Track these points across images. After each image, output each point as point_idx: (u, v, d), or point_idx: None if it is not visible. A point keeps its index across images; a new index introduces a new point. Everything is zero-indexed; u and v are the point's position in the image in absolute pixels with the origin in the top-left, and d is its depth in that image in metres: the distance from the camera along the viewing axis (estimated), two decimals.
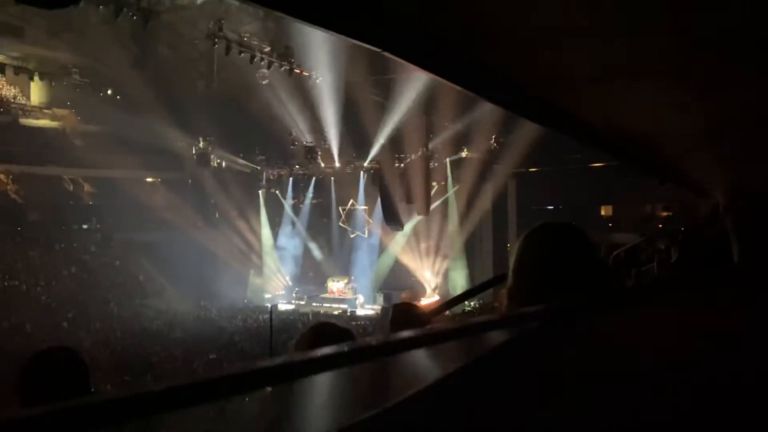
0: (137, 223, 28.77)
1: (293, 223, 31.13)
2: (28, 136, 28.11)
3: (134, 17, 16.27)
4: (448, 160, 26.67)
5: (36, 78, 24.42)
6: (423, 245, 27.77)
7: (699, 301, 1.17)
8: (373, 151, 26.62)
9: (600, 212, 27.17)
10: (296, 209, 31.10)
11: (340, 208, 30.09)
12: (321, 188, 30.43)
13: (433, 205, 26.30)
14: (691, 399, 0.67)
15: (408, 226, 27.23)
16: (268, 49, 20.68)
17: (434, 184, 26.57)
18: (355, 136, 26.53)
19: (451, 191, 27.23)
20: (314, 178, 30.20)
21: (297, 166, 29.68)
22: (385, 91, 24.00)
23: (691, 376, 0.72)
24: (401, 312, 3.10)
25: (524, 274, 1.62)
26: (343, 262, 29.64)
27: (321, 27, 1.91)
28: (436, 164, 26.33)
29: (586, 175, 23.41)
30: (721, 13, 1.85)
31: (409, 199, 25.49)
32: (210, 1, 19.46)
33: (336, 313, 25.74)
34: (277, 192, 30.95)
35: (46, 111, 29.43)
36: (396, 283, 28.10)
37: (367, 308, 26.83)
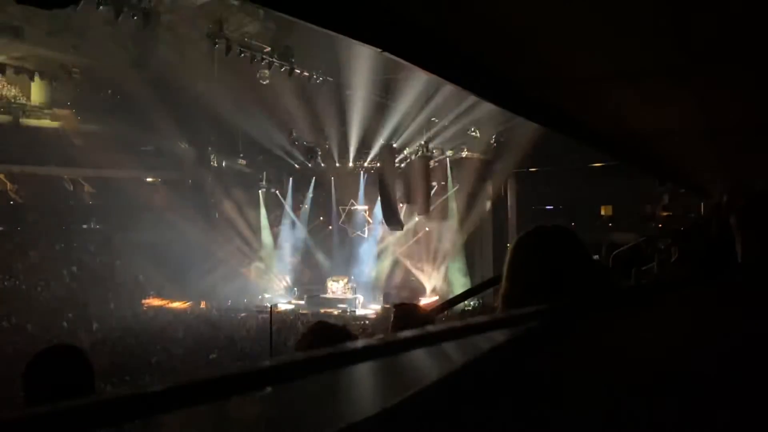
0: (137, 223, 28.75)
1: (293, 223, 31.12)
2: (28, 136, 28.09)
3: (135, 17, 16.26)
4: (448, 160, 26.66)
5: (36, 78, 24.39)
6: (423, 245, 27.77)
7: (700, 301, 1.17)
8: (373, 151, 26.65)
9: (600, 212, 27.14)
10: (296, 209, 31.11)
11: (340, 208, 30.09)
12: (321, 188, 30.43)
13: (433, 205, 26.26)
14: (691, 400, 0.67)
15: (408, 226, 27.22)
16: (268, 49, 20.67)
17: (434, 184, 26.54)
18: (356, 136, 26.52)
19: (451, 191, 27.21)
20: (314, 178, 30.19)
21: (297, 166, 29.68)
22: (386, 91, 23.97)
23: (691, 377, 0.72)
24: (404, 313, 3.08)
25: (518, 279, 1.61)
26: (343, 262, 29.63)
27: (321, 27, 1.91)
28: (436, 164, 26.31)
29: (586, 175, 23.39)
30: (721, 14, 1.85)
31: (409, 199, 25.45)
32: (210, 1, 19.44)
33: (336, 313, 25.74)
34: (277, 192, 30.94)
35: (46, 111, 29.41)
36: (396, 282, 28.10)
37: (367, 308, 26.83)
